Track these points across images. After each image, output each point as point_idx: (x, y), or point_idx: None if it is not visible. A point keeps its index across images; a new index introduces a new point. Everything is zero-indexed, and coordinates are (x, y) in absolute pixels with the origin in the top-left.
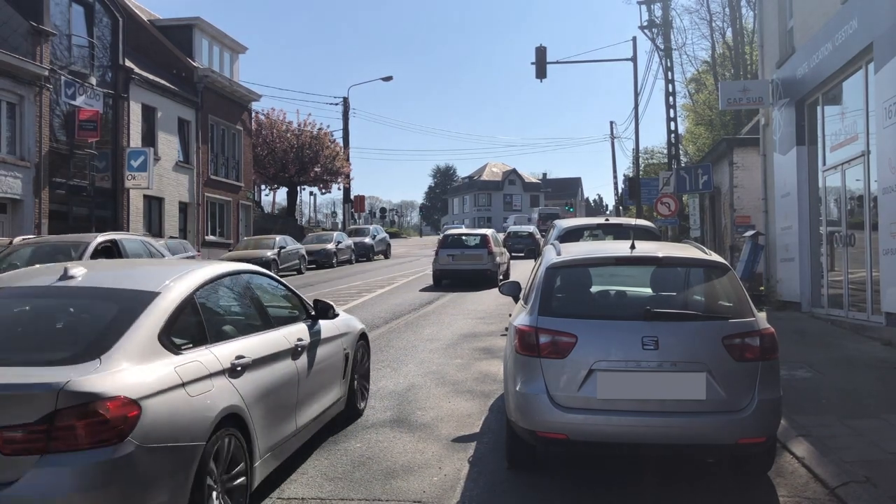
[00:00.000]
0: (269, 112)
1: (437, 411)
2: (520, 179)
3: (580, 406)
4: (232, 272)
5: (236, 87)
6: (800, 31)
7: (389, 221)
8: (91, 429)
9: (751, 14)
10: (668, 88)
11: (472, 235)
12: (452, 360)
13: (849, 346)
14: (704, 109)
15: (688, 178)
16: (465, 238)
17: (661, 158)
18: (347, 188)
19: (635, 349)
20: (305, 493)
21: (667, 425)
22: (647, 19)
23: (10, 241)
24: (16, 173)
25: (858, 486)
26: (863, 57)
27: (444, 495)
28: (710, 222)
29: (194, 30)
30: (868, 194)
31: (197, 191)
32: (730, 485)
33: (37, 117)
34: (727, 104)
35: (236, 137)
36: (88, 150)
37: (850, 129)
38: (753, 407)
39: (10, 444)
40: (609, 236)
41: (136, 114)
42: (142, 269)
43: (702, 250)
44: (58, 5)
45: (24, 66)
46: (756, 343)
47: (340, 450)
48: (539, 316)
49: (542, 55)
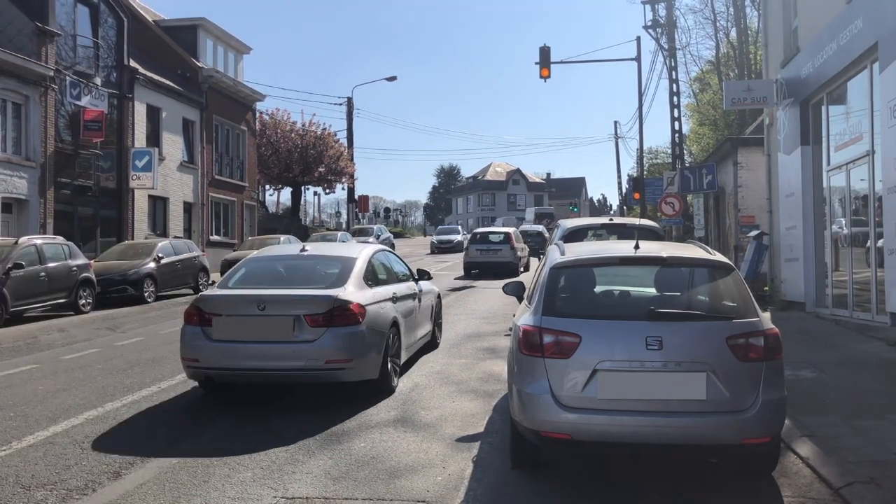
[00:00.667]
0: (273, 112)
1: (441, 411)
2: (524, 179)
3: (584, 406)
4: (382, 249)
5: (241, 88)
6: (804, 30)
7: (393, 221)
8: (347, 317)
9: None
10: (672, 88)
11: (497, 233)
12: (456, 359)
13: (853, 347)
14: (708, 109)
15: (692, 178)
16: (492, 235)
17: (665, 158)
18: (351, 188)
19: (639, 349)
20: (310, 492)
21: (671, 425)
22: (651, 19)
23: (16, 242)
24: (21, 173)
25: (863, 487)
26: (867, 56)
27: (449, 495)
28: (714, 222)
29: (199, 30)
30: (873, 194)
31: (201, 191)
32: (734, 485)
33: (42, 118)
34: (731, 104)
35: (241, 137)
36: (93, 151)
37: (855, 128)
38: (758, 407)
39: (314, 321)
40: (613, 236)
41: (140, 114)
42: (340, 246)
43: (706, 250)
44: (63, 6)
45: (29, 66)
46: (760, 343)
47: (344, 449)
48: (543, 316)
49: (545, 55)
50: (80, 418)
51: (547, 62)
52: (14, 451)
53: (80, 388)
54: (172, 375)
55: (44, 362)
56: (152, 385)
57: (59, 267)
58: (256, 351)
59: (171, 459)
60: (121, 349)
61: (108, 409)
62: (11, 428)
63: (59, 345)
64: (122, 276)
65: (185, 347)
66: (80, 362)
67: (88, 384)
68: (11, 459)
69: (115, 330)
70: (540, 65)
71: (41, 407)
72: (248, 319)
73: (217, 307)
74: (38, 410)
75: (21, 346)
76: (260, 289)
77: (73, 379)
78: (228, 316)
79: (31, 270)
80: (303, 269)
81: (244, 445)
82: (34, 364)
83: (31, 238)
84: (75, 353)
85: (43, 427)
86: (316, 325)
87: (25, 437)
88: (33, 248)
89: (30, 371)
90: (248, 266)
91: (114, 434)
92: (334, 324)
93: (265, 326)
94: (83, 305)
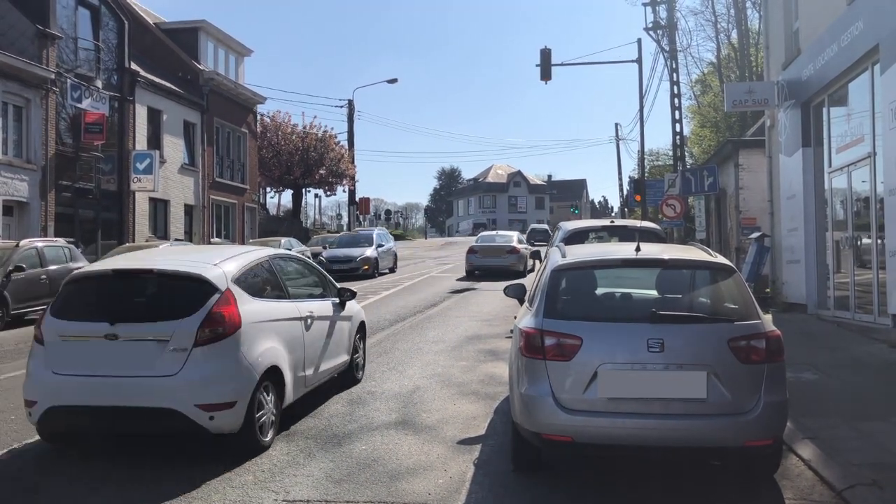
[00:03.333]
0: (274, 115)
1: (442, 413)
2: (525, 181)
3: (585, 408)
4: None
5: (241, 90)
6: (805, 32)
7: (394, 223)
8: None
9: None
10: (673, 90)
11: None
12: (458, 362)
13: (855, 349)
14: (710, 111)
15: (693, 180)
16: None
17: (666, 160)
18: (352, 190)
19: (641, 351)
20: (311, 494)
21: (672, 428)
22: (652, 21)
23: (17, 244)
24: (22, 176)
25: (865, 489)
26: (869, 58)
27: (450, 497)
28: (715, 224)
29: (200, 33)
30: (874, 196)
31: (202, 193)
32: (736, 487)
33: (43, 120)
34: (733, 106)
35: (242, 140)
36: (94, 153)
37: (856, 130)
38: (759, 409)
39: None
40: (614, 238)
41: (141, 116)
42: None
43: (707, 252)
44: (64, 9)
45: (30, 69)
46: (762, 345)
47: (345, 451)
48: (544, 318)
49: (546, 57)
50: None
51: (548, 65)
52: (13, 453)
53: None
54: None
55: None
56: None
57: (61, 270)
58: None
59: (171, 460)
60: None
61: None
62: (12, 431)
63: None
64: None
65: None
66: None
67: None
68: (12, 462)
69: None
70: (541, 67)
71: None
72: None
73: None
74: None
75: (22, 349)
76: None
77: None
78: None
79: (32, 273)
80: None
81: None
82: None
83: (32, 241)
84: None
85: None
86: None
87: (25, 441)
88: (34, 251)
89: None
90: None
91: (112, 439)
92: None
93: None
94: None
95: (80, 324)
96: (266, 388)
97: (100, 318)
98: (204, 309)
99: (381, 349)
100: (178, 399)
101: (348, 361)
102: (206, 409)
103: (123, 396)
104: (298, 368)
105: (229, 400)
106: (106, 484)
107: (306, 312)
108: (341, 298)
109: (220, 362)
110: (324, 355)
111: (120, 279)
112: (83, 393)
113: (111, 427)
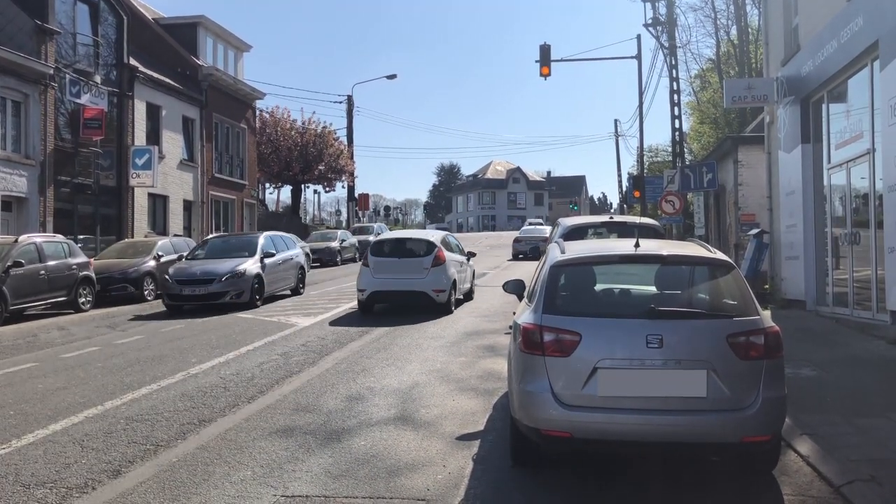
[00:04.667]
0: (273, 110)
1: (441, 409)
2: (524, 178)
3: (584, 404)
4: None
5: (241, 86)
6: (805, 28)
7: (394, 219)
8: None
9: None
10: (672, 86)
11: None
12: (456, 357)
13: (854, 345)
14: (709, 107)
15: (692, 177)
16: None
17: (665, 156)
18: (352, 186)
19: (640, 347)
20: (310, 490)
21: (671, 423)
22: (651, 17)
23: (16, 240)
24: (21, 171)
25: (863, 485)
26: (868, 54)
27: (449, 493)
28: (714, 220)
29: (199, 28)
30: (873, 192)
31: (201, 189)
32: (734, 483)
33: (42, 116)
34: (732, 102)
35: (241, 136)
36: (93, 149)
37: (856, 126)
38: (758, 405)
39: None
40: (613, 234)
41: (140, 112)
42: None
43: (706, 248)
44: (63, 4)
45: (29, 64)
46: (761, 341)
47: (344, 447)
48: (543, 314)
49: (545, 53)
50: (79, 416)
51: (547, 60)
52: (14, 449)
53: (79, 387)
54: (173, 374)
55: (44, 360)
56: (152, 383)
57: (59, 265)
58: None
59: (170, 458)
60: (121, 347)
61: (108, 408)
62: (11, 426)
63: (58, 343)
64: (122, 275)
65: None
66: (80, 360)
67: (88, 382)
68: (11, 458)
69: (115, 328)
70: (540, 63)
71: (41, 405)
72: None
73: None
74: (38, 409)
75: (21, 344)
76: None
77: (72, 377)
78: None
79: (31, 269)
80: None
81: (243, 444)
82: (34, 362)
83: (30, 236)
84: (75, 352)
85: (43, 425)
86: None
87: (25, 436)
88: (33, 247)
89: (29, 369)
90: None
91: (113, 432)
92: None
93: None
94: (83, 304)
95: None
96: (454, 286)
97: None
98: (433, 252)
99: (380, 345)
100: (426, 287)
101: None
102: (436, 291)
103: (404, 286)
104: (459, 283)
105: (444, 288)
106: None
107: (466, 259)
108: (468, 259)
109: (440, 274)
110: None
111: (398, 243)
112: (385, 285)
113: (397, 300)
